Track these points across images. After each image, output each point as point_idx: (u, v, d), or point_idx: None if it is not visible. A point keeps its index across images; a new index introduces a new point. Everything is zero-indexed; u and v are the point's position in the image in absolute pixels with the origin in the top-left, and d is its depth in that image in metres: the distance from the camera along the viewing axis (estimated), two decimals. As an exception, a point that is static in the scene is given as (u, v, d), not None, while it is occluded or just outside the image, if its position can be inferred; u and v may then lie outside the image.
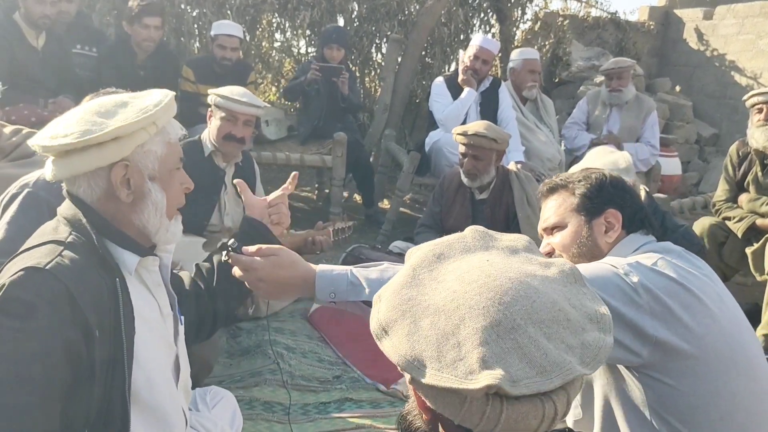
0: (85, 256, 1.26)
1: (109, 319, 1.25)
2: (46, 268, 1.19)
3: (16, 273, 1.18)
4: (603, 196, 1.58)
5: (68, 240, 1.27)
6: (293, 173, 1.84)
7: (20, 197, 1.94)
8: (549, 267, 0.89)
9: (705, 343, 1.36)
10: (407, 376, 0.84)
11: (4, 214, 1.94)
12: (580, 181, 1.62)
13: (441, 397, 0.80)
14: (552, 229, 1.65)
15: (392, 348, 0.83)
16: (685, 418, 1.36)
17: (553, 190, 1.67)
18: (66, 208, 1.34)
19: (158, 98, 1.33)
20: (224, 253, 1.45)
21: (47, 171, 1.31)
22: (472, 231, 0.98)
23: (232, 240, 1.46)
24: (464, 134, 3.26)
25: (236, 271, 1.45)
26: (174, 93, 1.39)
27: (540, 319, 0.78)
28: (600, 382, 1.48)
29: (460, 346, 0.78)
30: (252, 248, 1.43)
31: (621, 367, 1.42)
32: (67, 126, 1.26)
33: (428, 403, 0.82)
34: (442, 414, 0.82)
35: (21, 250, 1.28)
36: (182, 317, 1.56)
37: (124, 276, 1.32)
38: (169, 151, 1.37)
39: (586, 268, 1.40)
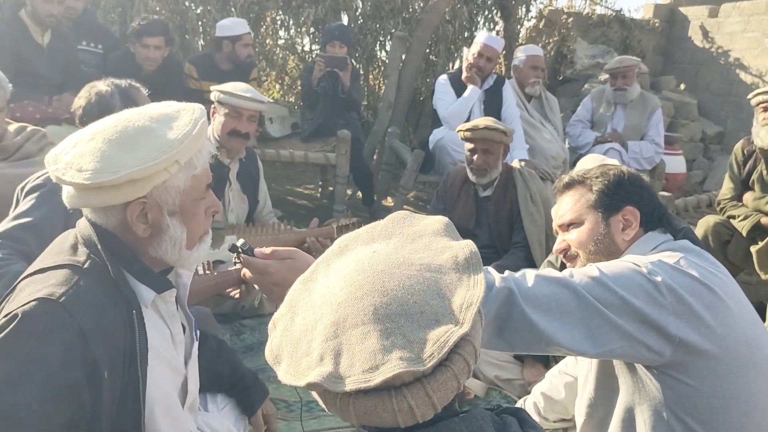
0: (102, 286, 1.19)
1: (122, 355, 1.19)
2: (60, 300, 1.12)
3: (29, 303, 1.11)
4: (621, 193, 1.56)
5: (85, 266, 1.19)
6: None
7: (41, 191, 1.95)
8: (443, 253, 0.88)
9: (726, 343, 1.35)
10: None
11: (23, 201, 1.94)
12: (597, 177, 1.59)
13: (311, 391, 0.82)
14: (568, 226, 1.62)
15: (269, 343, 0.86)
16: (703, 419, 1.35)
17: (569, 185, 1.64)
18: (84, 226, 1.25)
19: (185, 130, 1.19)
20: (234, 255, 1.39)
21: (63, 196, 1.22)
22: (389, 217, 0.98)
23: (243, 241, 1.39)
24: (474, 129, 3.24)
25: (246, 274, 1.40)
26: (204, 118, 1.26)
27: (386, 313, 0.78)
28: (618, 381, 1.47)
29: (311, 343, 0.80)
30: (266, 250, 1.37)
31: (639, 367, 1.41)
32: (83, 156, 1.15)
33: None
34: None
35: (37, 267, 1.22)
36: (198, 332, 1.50)
37: (141, 307, 1.24)
38: (193, 183, 1.25)
39: (609, 267, 1.38)
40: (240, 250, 1.38)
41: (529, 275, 1.35)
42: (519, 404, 2.10)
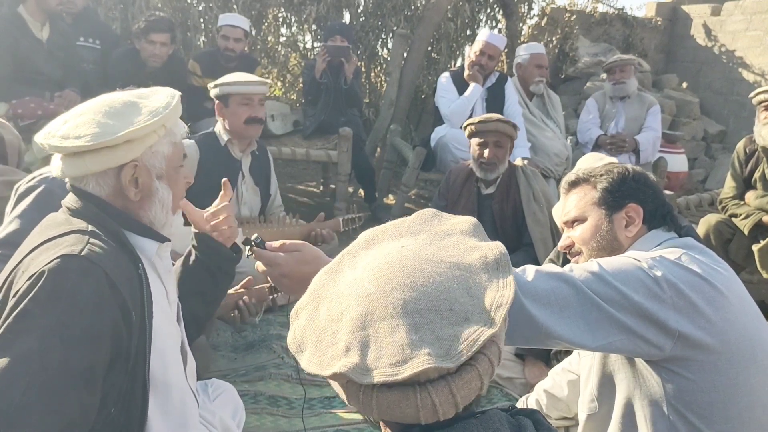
0: (109, 243, 1.28)
1: (138, 303, 1.27)
2: (82, 254, 1.19)
3: (52, 260, 1.17)
4: (624, 190, 1.57)
5: (89, 229, 1.28)
6: (224, 180, 1.84)
7: (37, 191, 1.91)
8: (472, 252, 0.88)
9: (727, 338, 1.35)
10: None
11: (17, 205, 1.91)
12: (602, 175, 1.61)
13: (332, 382, 0.82)
14: (572, 223, 1.64)
15: (292, 332, 0.86)
16: (703, 413, 1.35)
17: (575, 184, 1.67)
18: (73, 201, 1.34)
19: (166, 100, 1.37)
20: (248, 248, 1.47)
21: (54, 168, 1.33)
22: (417, 214, 0.99)
23: (256, 235, 1.47)
24: (486, 121, 3.24)
25: (259, 266, 1.46)
26: (179, 93, 1.43)
27: (416, 308, 0.78)
28: (619, 376, 1.47)
29: (336, 333, 0.80)
30: (275, 243, 1.44)
31: (640, 361, 1.41)
32: (78, 127, 1.27)
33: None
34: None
35: (40, 240, 1.27)
36: (179, 302, 1.61)
37: (144, 261, 1.35)
38: (174, 150, 1.41)
39: (609, 262, 1.38)
40: (253, 243, 1.46)
41: (528, 270, 1.35)
42: (521, 402, 2.10)
